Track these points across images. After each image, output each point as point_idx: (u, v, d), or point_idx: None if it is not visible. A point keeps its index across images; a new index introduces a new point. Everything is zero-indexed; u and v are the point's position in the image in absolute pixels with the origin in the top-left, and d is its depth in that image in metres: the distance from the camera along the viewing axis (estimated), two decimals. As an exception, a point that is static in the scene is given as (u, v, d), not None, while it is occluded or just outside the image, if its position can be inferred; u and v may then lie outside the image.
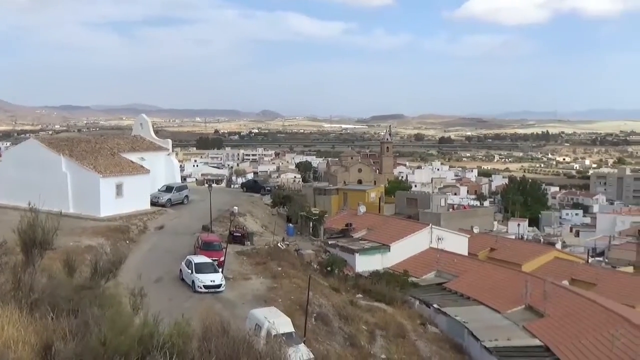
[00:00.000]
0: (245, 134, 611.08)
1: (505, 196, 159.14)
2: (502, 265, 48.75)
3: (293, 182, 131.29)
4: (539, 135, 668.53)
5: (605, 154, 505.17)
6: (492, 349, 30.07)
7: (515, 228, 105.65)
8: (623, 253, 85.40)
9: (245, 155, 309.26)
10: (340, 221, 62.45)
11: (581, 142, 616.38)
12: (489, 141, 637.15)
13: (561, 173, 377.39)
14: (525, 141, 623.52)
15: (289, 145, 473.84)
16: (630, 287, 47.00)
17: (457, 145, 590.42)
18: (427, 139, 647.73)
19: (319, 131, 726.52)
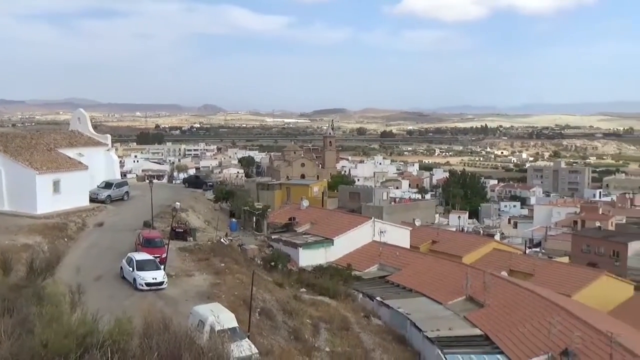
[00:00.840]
0: (186, 129, 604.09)
1: (446, 189, 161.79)
2: (443, 258, 49.53)
3: (236, 177, 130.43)
4: (478, 129, 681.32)
5: (542, 148, 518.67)
6: (434, 339, 30.56)
7: (456, 220, 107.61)
8: (559, 243, 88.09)
9: (187, 151, 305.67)
10: (283, 216, 62.37)
11: (518, 136, 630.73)
12: (430, 135, 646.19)
13: (499, 166, 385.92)
14: (465, 135, 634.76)
15: (231, 140, 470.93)
16: (566, 277, 48.43)
17: (399, 139, 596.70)
18: (369, 133, 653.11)
19: (262, 126, 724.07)
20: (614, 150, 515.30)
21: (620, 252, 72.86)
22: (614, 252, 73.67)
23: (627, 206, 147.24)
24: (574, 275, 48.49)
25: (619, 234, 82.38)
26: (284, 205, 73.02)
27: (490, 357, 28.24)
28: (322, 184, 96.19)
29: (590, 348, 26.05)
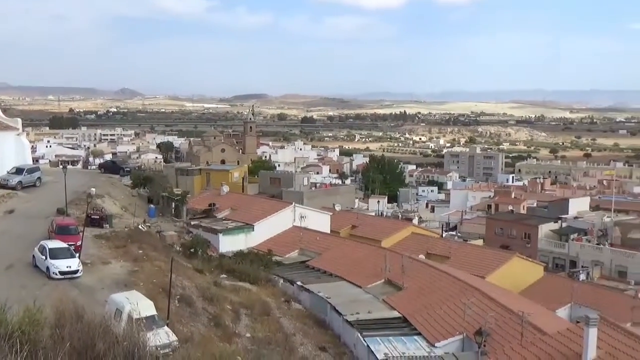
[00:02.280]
0: (102, 113, 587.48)
1: (366, 175, 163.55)
2: (363, 242, 50.18)
3: (154, 163, 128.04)
4: (397, 115, 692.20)
5: (458, 134, 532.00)
6: (353, 322, 30.95)
7: (376, 205, 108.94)
8: (474, 227, 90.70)
9: (102, 136, 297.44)
10: (203, 201, 61.67)
11: (436, 122, 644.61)
12: (350, 121, 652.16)
13: (418, 152, 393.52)
14: (385, 121, 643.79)
15: (149, 125, 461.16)
16: (480, 259, 50.00)
17: (320, 125, 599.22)
18: (290, 119, 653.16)
19: (181, 110, 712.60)
20: (526, 137, 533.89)
21: (532, 234, 75.65)
22: (525, 235, 76.41)
23: (537, 190, 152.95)
24: (488, 258, 50.08)
25: (530, 217, 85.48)
26: (204, 191, 72.28)
27: (408, 339, 28.83)
28: (242, 169, 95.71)
29: (503, 327, 26.98)
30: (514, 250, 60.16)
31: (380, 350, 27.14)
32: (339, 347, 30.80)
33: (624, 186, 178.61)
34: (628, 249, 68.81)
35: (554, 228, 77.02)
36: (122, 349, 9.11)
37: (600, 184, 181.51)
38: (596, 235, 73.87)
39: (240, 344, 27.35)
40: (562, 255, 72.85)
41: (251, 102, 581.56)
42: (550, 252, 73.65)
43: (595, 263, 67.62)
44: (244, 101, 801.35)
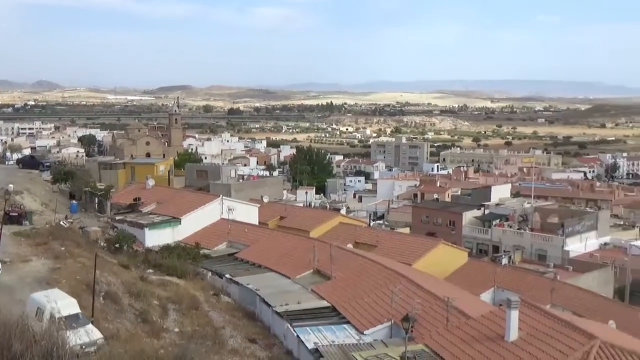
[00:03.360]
0: (20, 106, 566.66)
1: (294, 166, 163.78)
2: (291, 233, 50.20)
3: (76, 157, 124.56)
4: (323, 106, 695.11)
5: (384, 124, 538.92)
6: (282, 313, 30.97)
7: (304, 196, 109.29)
8: (400, 215, 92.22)
9: (20, 129, 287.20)
10: (128, 196, 60.37)
11: (362, 113, 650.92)
12: (277, 112, 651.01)
13: (345, 142, 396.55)
14: (311, 112, 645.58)
15: (70, 118, 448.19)
16: (407, 247, 50.74)
17: (246, 116, 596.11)
18: (216, 111, 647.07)
19: (103, 103, 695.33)
20: (450, 126, 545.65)
21: (456, 221, 77.41)
22: (450, 222, 78.12)
23: (461, 179, 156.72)
24: (414, 245, 50.87)
25: (454, 205, 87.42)
26: (129, 185, 70.77)
27: (338, 328, 29.06)
28: (168, 162, 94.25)
29: (429, 313, 27.54)
30: (440, 237, 61.32)
31: (310, 340, 27.27)
32: (269, 338, 30.78)
33: (543, 173, 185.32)
34: (547, 234, 71.40)
35: (477, 215, 79.04)
36: (40, 349, 8.80)
37: (520, 171, 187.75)
38: (517, 221, 76.22)
39: (168, 339, 26.99)
40: (485, 240, 74.92)
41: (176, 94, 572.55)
42: (474, 238, 75.61)
43: (516, 247, 69.85)
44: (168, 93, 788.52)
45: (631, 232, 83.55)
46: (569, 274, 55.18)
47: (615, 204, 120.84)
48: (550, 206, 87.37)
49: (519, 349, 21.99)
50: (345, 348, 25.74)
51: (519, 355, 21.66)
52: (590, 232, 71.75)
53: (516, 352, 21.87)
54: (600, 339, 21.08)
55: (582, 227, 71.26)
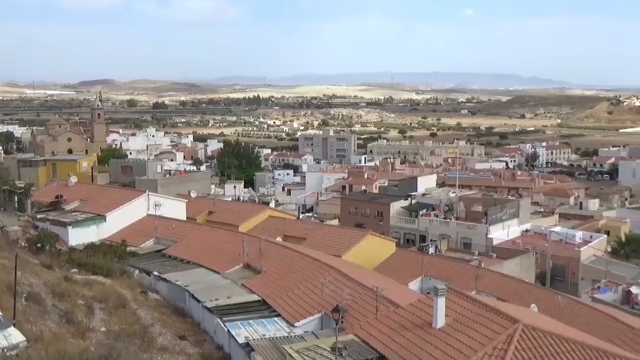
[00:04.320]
0: None
1: (221, 160, 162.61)
2: (220, 227, 49.80)
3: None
4: (250, 99, 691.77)
5: (311, 117, 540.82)
6: (213, 308, 30.72)
7: (232, 190, 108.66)
8: (329, 207, 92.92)
9: None
10: (49, 194, 58.53)
11: (289, 106, 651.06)
12: (204, 106, 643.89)
13: (272, 136, 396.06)
14: (238, 106, 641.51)
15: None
16: (336, 238, 51.17)
17: (172, 110, 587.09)
18: (141, 105, 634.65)
19: (21, 98, 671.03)
20: (376, 118, 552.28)
21: (384, 212, 78.53)
22: (378, 213, 79.18)
23: (388, 170, 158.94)
24: (343, 237, 51.33)
25: (382, 196, 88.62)
26: (50, 183, 68.78)
27: (268, 321, 29.05)
28: (91, 158, 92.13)
29: (359, 303, 27.85)
30: (368, 228, 62.09)
31: (240, 334, 27.16)
32: (199, 334, 30.48)
33: (466, 163, 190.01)
34: (471, 222, 73.29)
35: (404, 205, 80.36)
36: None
37: (445, 161, 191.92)
38: (443, 211, 77.91)
39: (94, 339, 26.36)
40: (412, 230, 76.29)
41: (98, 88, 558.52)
42: (401, 228, 76.89)
43: (442, 236, 71.43)
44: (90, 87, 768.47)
45: (551, 218, 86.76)
46: (492, 261, 56.85)
47: (536, 192, 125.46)
48: (474, 195, 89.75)
49: (446, 335, 22.51)
50: (276, 341, 25.77)
51: (446, 341, 22.18)
52: (512, 219, 74.06)
53: (443, 338, 22.38)
54: (522, 323, 21.79)
55: (504, 215, 73.47)
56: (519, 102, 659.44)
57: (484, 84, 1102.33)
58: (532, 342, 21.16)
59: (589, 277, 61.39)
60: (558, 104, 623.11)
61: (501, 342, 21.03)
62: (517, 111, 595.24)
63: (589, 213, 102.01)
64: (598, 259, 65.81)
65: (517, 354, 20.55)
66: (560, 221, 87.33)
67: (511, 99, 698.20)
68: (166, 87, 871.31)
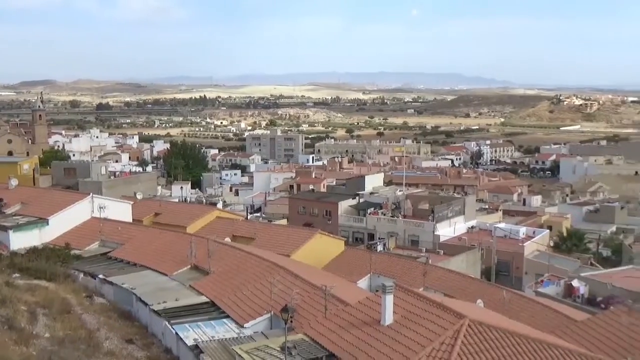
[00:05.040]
0: None
1: (168, 161, 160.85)
2: (167, 229, 49.18)
3: None
4: (197, 100, 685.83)
5: (259, 117, 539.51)
6: (160, 311, 30.32)
7: (179, 191, 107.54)
8: (278, 207, 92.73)
9: None
10: (-11, 197, 56.83)
11: (236, 106, 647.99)
12: (149, 107, 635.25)
13: (220, 136, 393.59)
14: (185, 106, 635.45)
15: None
16: (285, 238, 51.12)
17: (116, 111, 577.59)
18: (84, 106, 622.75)
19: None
20: (324, 118, 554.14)
21: (332, 211, 78.79)
22: (326, 212, 79.41)
23: (336, 169, 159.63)
24: (292, 236, 51.32)
25: (330, 195, 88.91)
26: (-11, 186, 66.69)
27: (217, 322, 28.84)
28: (32, 160, 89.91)
29: (308, 302, 27.89)
30: (317, 227, 62.22)
31: (189, 337, 26.89)
32: (146, 337, 30.05)
33: (413, 161, 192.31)
34: (418, 220, 74.17)
35: (352, 204, 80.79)
36: None
37: (392, 160, 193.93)
38: (390, 209, 78.61)
39: (38, 346, 25.74)
40: (360, 229, 76.75)
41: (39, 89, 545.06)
42: (350, 227, 77.28)
43: (390, 234, 72.10)
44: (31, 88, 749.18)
45: (495, 215, 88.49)
46: (439, 258, 57.66)
47: (481, 189, 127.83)
48: (420, 193, 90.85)
49: (394, 332, 22.73)
50: (226, 342, 25.60)
51: (394, 337, 22.39)
52: (458, 216, 75.23)
53: (392, 335, 22.59)
54: (469, 318, 22.17)
55: (450, 212, 74.56)
56: (464, 101, 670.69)
57: (430, 83, 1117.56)
58: (478, 337, 21.56)
59: (533, 271, 62.86)
60: (501, 103, 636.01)
61: (448, 338, 21.35)
62: (462, 110, 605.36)
63: (531, 209, 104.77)
64: (541, 254, 67.45)
65: (463, 348, 20.90)
66: (504, 217, 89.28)
67: (456, 99, 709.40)
68: (110, 88, 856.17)
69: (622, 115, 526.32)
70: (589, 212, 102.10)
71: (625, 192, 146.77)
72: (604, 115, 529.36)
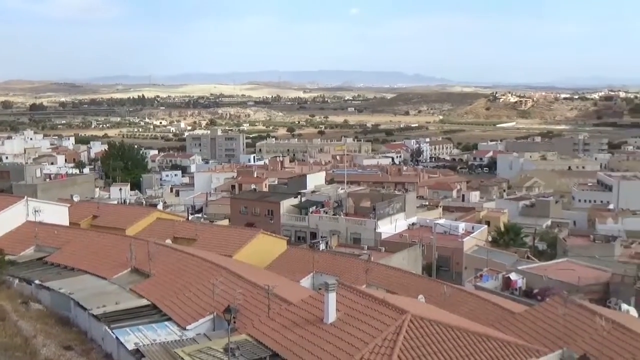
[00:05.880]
0: None
1: (106, 162, 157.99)
2: (106, 232, 48.22)
3: None
4: (135, 99, 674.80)
5: (199, 117, 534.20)
6: (100, 315, 29.71)
7: (118, 193, 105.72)
8: (219, 207, 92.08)
9: None
10: None
11: (176, 106, 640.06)
12: (85, 107, 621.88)
13: (159, 136, 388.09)
14: (122, 106, 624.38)
15: None
16: (227, 239, 50.79)
17: (51, 112, 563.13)
18: (17, 107, 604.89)
19: None
20: (265, 117, 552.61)
21: (274, 210, 78.68)
22: (268, 212, 79.25)
23: (278, 168, 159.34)
24: (234, 236, 51.03)
25: (272, 195, 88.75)
26: None
27: (159, 325, 28.44)
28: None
29: (251, 302, 27.78)
30: (259, 227, 62.01)
31: (130, 341, 26.44)
32: (86, 343, 29.40)
33: (354, 160, 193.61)
34: (360, 217, 74.77)
35: (294, 203, 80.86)
36: None
37: (334, 158, 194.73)
38: (332, 207, 79.01)
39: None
40: (303, 227, 76.88)
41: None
42: (292, 226, 77.33)
43: (333, 232, 72.46)
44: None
45: (435, 211, 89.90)
46: (381, 255, 58.25)
47: (421, 186, 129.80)
48: (362, 191, 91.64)
49: (338, 330, 22.86)
50: (168, 345, 25.27)
51: (337, 335, 22.51)
52: (399, 213, 76.14)
53: (335, 333, 22.71)
54: (411, 313, 22.48)
55: (391, 210, 75.41)
56: (403, 99, 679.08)
57: (370, 81, 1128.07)
58: (420, 332, 21.88)
59: (472, 266, 64.13)
60: (440, 101, 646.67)
61: (390, 333, 21.60)
62: (402, 108, 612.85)
63: (470, 205, 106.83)
64: (480, 249, 68.89)
65: (405, 343, 21.18)
66: (444, 214, 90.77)
67: (395, 97, 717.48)
68: (44, 88, 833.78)
69: (555, 112, 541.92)
70: (525, 206, 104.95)
71: (559, 187, 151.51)
72: (538, 112, 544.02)
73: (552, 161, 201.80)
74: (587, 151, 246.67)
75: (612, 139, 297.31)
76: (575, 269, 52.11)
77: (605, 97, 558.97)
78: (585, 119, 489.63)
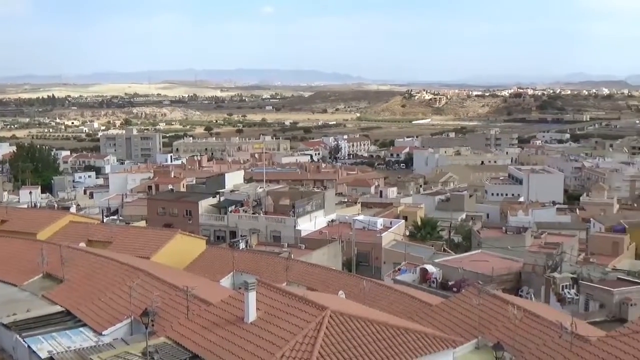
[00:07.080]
0: None
1: (14, 164, 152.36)
2: (15, 237, 46.36)
3: None
4: (45, 99, 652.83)
5: (113, 116, 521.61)
6: (10, 324, 28.53)
7: (28, 196, 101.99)
8: (136, 209, 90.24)
9: None
10: None
11: (89, 105, 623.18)
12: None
13: (71, 137, 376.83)
14: (31, 106, 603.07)
15: None
16: (144, 240, 49.76)
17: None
18: None
19: None
20: (181, 116, 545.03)
21: (192, 210, 77.72)
22: (186, 212, 78.23)
23: (196, 168, 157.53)
24: (151, 238, 50.06)
25: (190, 194, 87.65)
26: None
27: (73, 332, 27.56)
28: None
29: (169, 304, 27.29)
30: (177, 227, 61.06)
31: (43, 349, 25.50)
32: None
33: (273, 158, 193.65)
34: (280, 215, 74.76)
35: (213, 202, 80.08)
36: None
37: (252, 157, 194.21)
38: (251, 206, 78.66)
39: None
40: (222, 227, 76.26)
41: None
42: (211, 226, 76.57)
43: (252, 231, 72.22)
44: None
45: (354, 208, 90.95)
46: (302, 252, 58.46)
47: (339, 183, 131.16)
48: (281, 189, 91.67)
49: (258, 328, 22.75)
50: (83, 352, 24.55)
51: (258, 334, 22.40)
52: (318, 210, 76.59)
53: (255, 332, 22.59)
54: (330, 309, 22.60)
55: (311, 207, 75.80)
56: (321, 97, 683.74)
57: (287, 80, 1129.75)
58: (340, 327, 22.03)
59: (391, 260, 65.19)
60: (357, 99, 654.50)
61: (311, 330, 21.66)
62: (319, 106, 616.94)
63: (388, 200, 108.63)
64: (398, 243, 70.12)
65: (326, 339, 21.29)
66: (363, 210, 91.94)
67: (313, 95, 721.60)
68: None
69: (467, 108, 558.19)
70: (441, 201, 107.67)
71: (473, 181, 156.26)
72: (451, 109, 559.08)
73: (466, 156, 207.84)
74: (498, 146, 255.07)
75: (521, 134, 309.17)
76: (489, 260, 53.82)
77: (515, 94, 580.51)
78: (496, 115, 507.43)
